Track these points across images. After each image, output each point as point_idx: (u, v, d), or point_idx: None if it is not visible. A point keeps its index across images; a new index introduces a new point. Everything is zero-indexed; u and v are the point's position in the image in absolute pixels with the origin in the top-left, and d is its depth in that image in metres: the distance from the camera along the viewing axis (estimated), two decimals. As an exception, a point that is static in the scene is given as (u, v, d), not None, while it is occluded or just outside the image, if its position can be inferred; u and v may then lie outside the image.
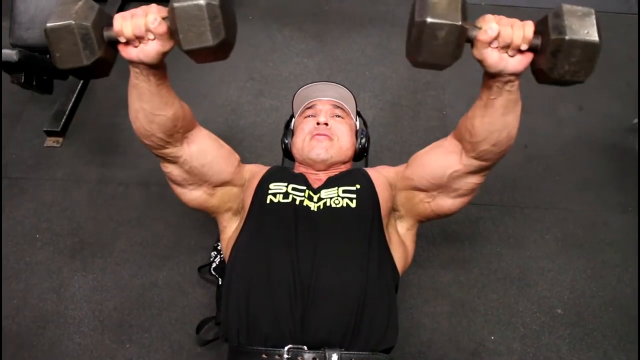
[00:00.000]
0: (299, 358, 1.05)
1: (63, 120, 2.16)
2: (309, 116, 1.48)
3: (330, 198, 1.22)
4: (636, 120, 2.12)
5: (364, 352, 1.08)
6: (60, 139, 2.15)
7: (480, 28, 0.89)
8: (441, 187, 1.19)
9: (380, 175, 1.31)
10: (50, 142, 2.14)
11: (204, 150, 1.21)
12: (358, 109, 1.60)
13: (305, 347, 1.06)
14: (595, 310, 1.71)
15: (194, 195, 1.27)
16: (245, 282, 1.14)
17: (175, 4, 0.86)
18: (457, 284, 1.76)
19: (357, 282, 1.11)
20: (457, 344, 1.64)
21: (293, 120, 1.59)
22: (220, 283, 1.63)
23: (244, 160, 2.07)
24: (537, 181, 2.02)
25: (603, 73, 2.35)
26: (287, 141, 1.51)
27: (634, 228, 1.87)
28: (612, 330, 1.67)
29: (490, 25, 0.88)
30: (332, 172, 1.37)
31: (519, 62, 0.92)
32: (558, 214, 1.92)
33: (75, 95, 2.25)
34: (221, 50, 0.92)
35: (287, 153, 1.53)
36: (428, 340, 1.65)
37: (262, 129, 2.19)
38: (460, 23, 0.86)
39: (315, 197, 1.24)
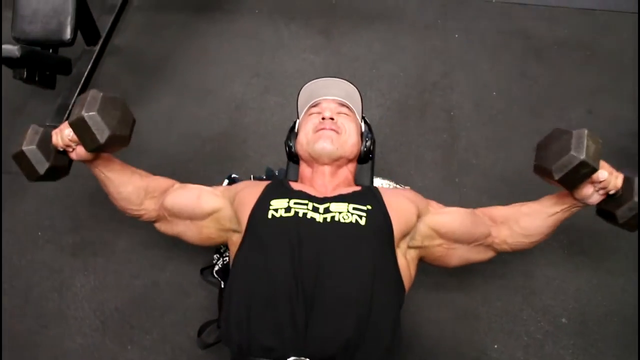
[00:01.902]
0: None
1: (66, 115, 2.13)
2: (313, 113, 1.46)
3: (339, 212, 1.19)
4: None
5: None
6: (63, 134, 2.13)
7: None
8: (465, 245, 1.34)
9: (403, 199, 1.31)
10: (53, 137, 2.13)
11: (172, 202, 1.37)
12: (364, 111, 1.57)
13: (308, 359, 1.05)
14: (600, 320, 1.69)
15: (189, 235, 1.40)
16: (246, 297, 1.13)
17: (69, 121, 1.18)
18: (461, 290, 1.75)
19: (362, 297, 1.09)
20: (460, 353, 1.64)
21: (297, 122, 1.56)
22: (222, 286, 1.62)
23: (249, 159, 2.08)
24: (545, 186, 1.95)
25: (614, 76, 2.34)
26: (291, 144, 1.49)
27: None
28: (616, 341, 1.65)
29: (603, 173, 1.15)
30: (339, 181, 1.36)
31: (598, 199, 1.22)
32: (564, 221, 1.89)
33: (79, 89, 2.21)
34: (117, 143, 1.20)
35: (291, 156, 1.51)
36: (430, 347, 1.64)
37: (267, 127, 2.17)
38: (598, 168, 1.13)
39: (322, 208, 1.21)
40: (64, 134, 1.22)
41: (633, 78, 2.29)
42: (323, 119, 1.40)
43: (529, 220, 1.32)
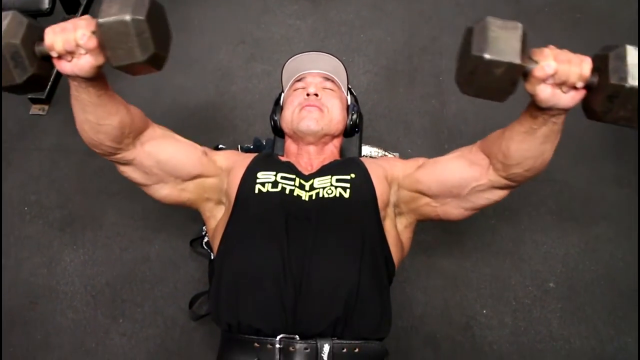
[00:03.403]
0: (291, 348, 1.05)
1: (48, 87, 2.08)
2: (298, 89, 1.42)
3: (323, 188, 1.18)
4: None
5: (356, 341, 1.08)
6: (46, 107, 2.09)
7: (537, 63, 0.85)
8: (456, 197, 1.16)
9: (378, 167, 1.26)
10: (35, 109, 2.08)
11: (157, 149, 1.17)
12: (351, 79, 1.54)
13: (297, 337, 1.06)
14: (587, 285, 1.72)
15: (163, 192, 1.23)
16: (235, 277, 1.12)
17: (100, 20, 0.84)
18: (450, 257, 1.76)
19: (350, 275, 1.09)
20: (450, 318, 1.66)
21: (282, 95, 1.53)
22: (212, 257, 1.62)
23: (237, 128, 2.05)
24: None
25: (605, 38, 2.30)
26: (276, 118, 1.45)
27: (629, 202, 1.86)
28: (603, 305, 1.68)
29: (548, 62, 0.85)
30: (324, 157, 1.33)
31: (571, 99, 0.89)
32: (554, 187, 1.90)
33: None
34: (153, 63, 0.91)
35: (277, 130, 1.48)
36: (420, 314, 1.66)
37: (254, 96, 2.14)
38: (519, 62, 0.82)
39: (307, 185, 1.20)
40: (72, 35, 0.88)
41: (624, 40, 2.25)
42: (308, 95, 1.37)
43: (512, 146, 1.02)
